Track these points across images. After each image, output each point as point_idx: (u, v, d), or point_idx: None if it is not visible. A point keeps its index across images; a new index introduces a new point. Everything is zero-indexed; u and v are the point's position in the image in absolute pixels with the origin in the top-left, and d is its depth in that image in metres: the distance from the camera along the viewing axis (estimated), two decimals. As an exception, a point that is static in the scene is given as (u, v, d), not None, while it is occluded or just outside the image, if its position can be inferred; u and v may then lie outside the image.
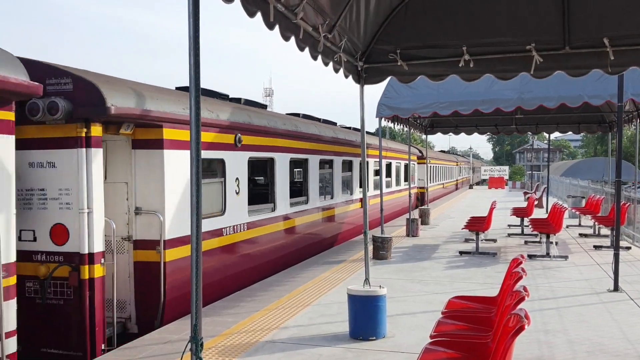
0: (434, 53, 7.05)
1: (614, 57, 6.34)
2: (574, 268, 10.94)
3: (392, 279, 9.74)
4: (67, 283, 6.35)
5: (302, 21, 5.23)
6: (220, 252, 8.72)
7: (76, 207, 6.31)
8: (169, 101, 7.51)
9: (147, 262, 7.26)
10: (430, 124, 18.92)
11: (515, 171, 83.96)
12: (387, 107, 13.63)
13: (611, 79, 10.46)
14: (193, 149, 3.55)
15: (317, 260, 11.66)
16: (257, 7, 4.41)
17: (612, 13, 6.36)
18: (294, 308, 7.81)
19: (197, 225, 3.53)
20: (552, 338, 6.54)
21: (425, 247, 13.57)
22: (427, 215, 18.97)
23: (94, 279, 6.37)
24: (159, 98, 7.35)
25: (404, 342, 6.33)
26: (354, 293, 6.50)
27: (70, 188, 6.33)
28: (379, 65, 7.28)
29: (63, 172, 6.35)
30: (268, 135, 10.34)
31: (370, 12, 6.61)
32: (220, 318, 7.29)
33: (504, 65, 6.91)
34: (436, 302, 7.85)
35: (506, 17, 6.69)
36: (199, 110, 3.52)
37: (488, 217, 13.37)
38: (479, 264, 11.38)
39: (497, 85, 12.11)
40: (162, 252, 7.22)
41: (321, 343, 6.31)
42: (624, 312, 7.72)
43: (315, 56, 5.92)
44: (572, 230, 17.27)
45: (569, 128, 18.84)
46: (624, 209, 13.91)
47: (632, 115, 14.96)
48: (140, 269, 7.27)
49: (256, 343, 6.28)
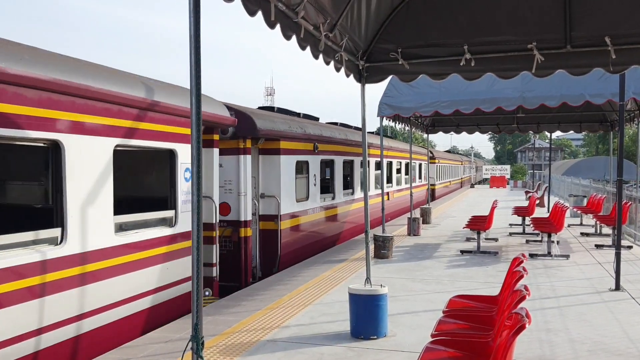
0: (435, 52, 7.04)
1: (616, 55, 6.33)
2: (575, 267, 10.94)
3: (393, 278, 9.74)
4: (231, 239, 10.05)
5: (303, 20, 5.22)
6: (308, 226, 12.58)
7: (236, 191, 10.02)
8: (283, 123, 11.36)
9: (268, 229, 11.01)
10: (432, 123, 18.92)
11: (517, 170, 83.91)
12: (388, 106, 13.63)
13: (613, 78, 10.46)
14: (194, 147, 3.55)
15: (318, 260, 11.67)
16: (258, 6, 4.41)
17: (613, 12, 6.35)
18: (295, 307, 7.81)
19: (197, 226, 3.52)
20: (553, 337, 6.54)
21: (427, 246, 13.57)
22: (428, 214, 18.96)
23: (247, 237, 10.12)
24: (277, 121, 11.15)
25: (405, 341, 6.33)
26: (355, 292, 6.50)
27: (232, 180, 9.99)
28: (380, 64, 7.27)
29: (227, 169, 9.94)
30: (331, 143, 13.99)
31: (372, 11, 6.60)
32: (222, 317, 7.29)
33: (505, 64, 6.90)
34: (437, 301, 7.85)
35: (507, 16, 6.68)
36: (199, 109, 3.55)
37: (489, 216, 13.36)
38: (481, 263, 11.38)
39: (498, 84, 12.11)
40: (279, 223, 10.97)
41: (322, 342, 6.31)
42: (626, 311, 7.72)
43: (317, 55, 5.91)
44: (573, 229, 17.27)
45: (570, 127, 18.81)
46: (626, 208, 13.88)
47: (634, 114, 14.93)
48: (264, 235, 10.98)
49: (257, 342, 6.29)
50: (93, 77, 5.88)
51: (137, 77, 6.87)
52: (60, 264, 5.44)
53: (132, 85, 6.50)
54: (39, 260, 5.20)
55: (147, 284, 6.76)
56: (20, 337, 5.01)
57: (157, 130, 6.93)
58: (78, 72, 5.70)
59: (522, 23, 6.61)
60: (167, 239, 7.16)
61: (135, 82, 6.64)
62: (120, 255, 6.29)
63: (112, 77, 6.25)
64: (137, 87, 6.56)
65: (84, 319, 5.76)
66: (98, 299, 5.94)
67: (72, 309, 5.59)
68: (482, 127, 19.56)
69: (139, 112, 6.55)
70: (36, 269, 5.15)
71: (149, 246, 6.78)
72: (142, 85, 6.69)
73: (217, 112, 8.33)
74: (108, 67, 6.50)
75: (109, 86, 6.04)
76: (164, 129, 7.11)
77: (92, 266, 5.85)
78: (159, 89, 7.06)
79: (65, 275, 5.50)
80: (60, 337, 5.48)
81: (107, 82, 6.07)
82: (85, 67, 5.96)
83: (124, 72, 6.73)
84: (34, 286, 5.13)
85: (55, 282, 5.36)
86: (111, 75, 6.29)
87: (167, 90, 7.27)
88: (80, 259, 5.69)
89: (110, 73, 6.33)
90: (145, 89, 6.69)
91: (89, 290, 5.80)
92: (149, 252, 6.78)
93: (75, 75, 5.63)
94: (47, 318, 5.29)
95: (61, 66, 5.53)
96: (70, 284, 5.54)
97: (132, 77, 6.71)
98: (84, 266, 5.73)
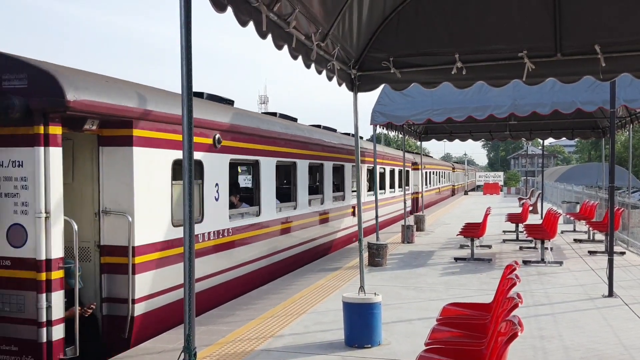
0: (426, 60, 7.08)
1: (606, 63, 6.38)
2: (568, 273, 10.97)
3: (387, 286, 9.73)
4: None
5: (295, 30, 5.25)
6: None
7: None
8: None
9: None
10: (425, 130, 18.97)
11: (510, 177, 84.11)
12: (381, 114, 13.66)
13: (604, 86, 10.53)
14: (185, 155, 3.57)
15: (312, 268, 11.65)
16: (250, 17, 4.43)
17: (603, 20, 6.41)
18: (290, 316, 7.79)
19: (189, 235, 3.52)
20: (547, 344, 6.55)
21: (421, 254, 13.57)
22: (422, 221, 18.99)
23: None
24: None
25: (400, 349, 6.33)
26: (349, 300, 6.50)
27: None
28: (372, 73, 7.30)
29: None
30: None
31: (363, 21, 6.64)
32: (215, 327, 7.27)
33: (497, 72, 6.95)
34: (432, 309, 7.85)
35: (498, 24, 6.73)
36: (191, 115, 3.61)
37: (483, 223, 13.39)
38: (475, 270, 11.40)
39: (490, 92, 12.15)
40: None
41: (316, 351, 6.29)
42: (619, 317, 7.74)
43: (309, 64, 5.93)
44: (566, 235, 17.32)
45: (562, 134, 18.90)
46: (618, 214, 13.95)
47: (625, 120, 15.04)
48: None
49: (251, 352, 6.27)
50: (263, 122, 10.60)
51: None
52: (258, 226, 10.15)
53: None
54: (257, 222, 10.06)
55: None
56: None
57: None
58: (261, 121, 10.60)
59: (513, 31, 6.66)
60: None
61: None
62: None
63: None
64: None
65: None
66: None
67: None
68: (475, 134, 19.63)
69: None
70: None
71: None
72: None
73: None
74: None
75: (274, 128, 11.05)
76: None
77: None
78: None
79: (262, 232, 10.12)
80: None
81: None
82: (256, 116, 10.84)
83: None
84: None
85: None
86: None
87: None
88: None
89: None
90: None
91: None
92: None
93: (260, 123, 10.49)
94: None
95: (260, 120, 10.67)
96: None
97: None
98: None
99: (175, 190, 7.55)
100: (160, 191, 7.32)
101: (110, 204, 6.80)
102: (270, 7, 4.70)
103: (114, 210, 6.77)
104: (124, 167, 6.76)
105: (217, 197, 8.66)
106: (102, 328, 6.81)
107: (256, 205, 10.29)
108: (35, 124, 5.81)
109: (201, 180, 8.23)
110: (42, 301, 5.83)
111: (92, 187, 6.89)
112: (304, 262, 12.22)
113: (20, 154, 5.92)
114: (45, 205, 5.84)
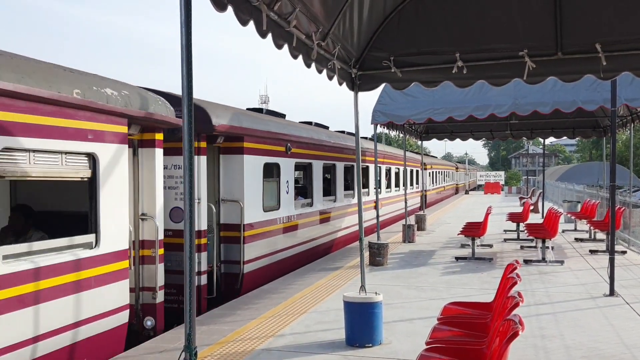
0: (427, 60, 7.08)
1: (606, 62, 6.37)
2: (569, 273, 10.96)
3: (388, 285, 9.73)
4: None
5: (295, 29, 5.24)
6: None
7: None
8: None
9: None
10: (425, 130, 18.96)
11: (511, 176, 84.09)
12: (382, 114, 13.66)
13: (605, 85, 10.52)
14: (186, 155, 3.58)
15: (313, 267, 11.65)
16: (250, 16, 4.43)
17: (604, 19, 6.40)
18: (291, 316, 7.79)
19: (190, 233, 3.53)
20: (548, 343, 6.54)
21: (422, 253, 13.57)
22: (423, 221, 18.99)
23: None
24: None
25: (401, 348, 6.33)
26: (350, 300, 6.50)
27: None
28: (373, 72, 7.30)
29: None
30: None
31: (364, 20, 6.63)
32: (216, 326, 7.27)
33: (497, 72, 6.94)
34: (433, 308, 7.84)
35: (499, 24, 6.73)
36: (191, 115, 3.67)
37: (484, 223, 13.38)
38: (476, 269, 11.39)
39: (491, 91, 12.13)
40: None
41: (317, 351, 6.29)
42: (620, 316, 7.73)
43: (309, 64, 5.93)
44: (567, 234, 17.31)
45: (563, 133, 18.89)
46: (619, 213, 13.94)
47: (626, 119, 15.03)
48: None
49: (252, 351, 6.27)
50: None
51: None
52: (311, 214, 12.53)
53: None
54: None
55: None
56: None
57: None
58: (313, 132, 13.10)
59: (513, 30, 6.65)
60: None
61: None
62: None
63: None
64: None
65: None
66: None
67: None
68: (476, 133, 19.61)
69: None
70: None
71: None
72: None
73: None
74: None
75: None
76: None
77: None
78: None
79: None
80: None
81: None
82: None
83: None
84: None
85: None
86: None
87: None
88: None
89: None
90: None
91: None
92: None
93: (313, 134, 13.12)
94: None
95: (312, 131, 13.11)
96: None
97: None
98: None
99: (264, 185, 10.45)
100: (257, 186, 10.15)
101: (226, 194, 9.65)
102: (271, 6, 4.70)
103: (229, 199, 9.63)
104: (237, 169, 9.67)
105: (287, 190, 11.53)
106: (220, 281, 9.58)
107: (309, 198, 12.98)
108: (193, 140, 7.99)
109: (278, 178, 11.12)
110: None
111: (213, 183, 9.56)
112: (341, 245, 15.07)
113: (180, 160, 8.12)
114: (198, 194, 8.50)
